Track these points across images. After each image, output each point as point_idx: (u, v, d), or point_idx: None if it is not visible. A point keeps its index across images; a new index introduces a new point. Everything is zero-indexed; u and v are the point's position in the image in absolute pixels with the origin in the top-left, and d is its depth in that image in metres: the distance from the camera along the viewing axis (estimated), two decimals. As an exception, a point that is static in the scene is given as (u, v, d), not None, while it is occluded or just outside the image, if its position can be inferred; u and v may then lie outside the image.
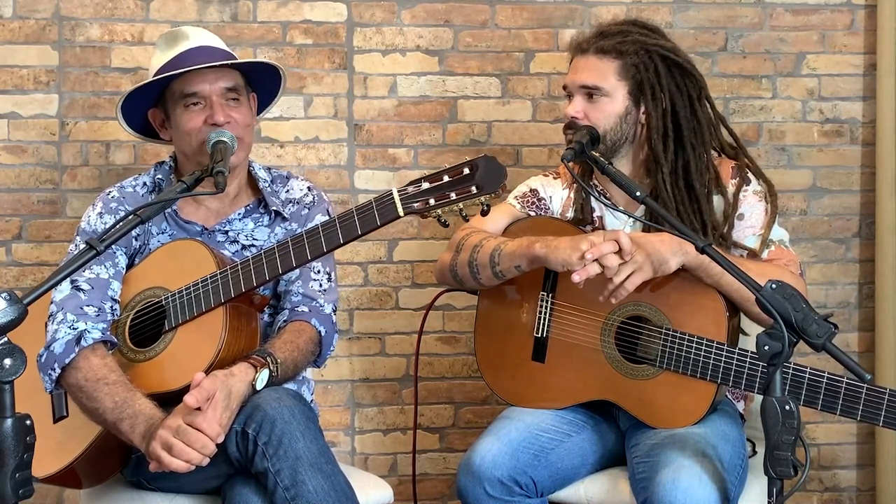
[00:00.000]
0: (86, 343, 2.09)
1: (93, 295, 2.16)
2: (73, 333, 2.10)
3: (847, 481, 3.21)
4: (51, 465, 2.13)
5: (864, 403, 2.03)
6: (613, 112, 2.30)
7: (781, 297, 1.73)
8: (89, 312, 2.14)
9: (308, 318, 2.23)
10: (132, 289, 2.22)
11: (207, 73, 2.21)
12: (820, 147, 3.15)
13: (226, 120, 2.19)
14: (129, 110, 2.32)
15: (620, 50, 2.28)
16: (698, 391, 2.16)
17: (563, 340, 2.29)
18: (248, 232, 2.31)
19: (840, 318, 3.13)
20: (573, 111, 2.31)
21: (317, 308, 2.26)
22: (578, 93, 2.32)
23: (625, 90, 2.30)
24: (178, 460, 1.92)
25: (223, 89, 2.23)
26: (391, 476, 3.05)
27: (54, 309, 2.15)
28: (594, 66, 2.30)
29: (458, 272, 2.35)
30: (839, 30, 3.13)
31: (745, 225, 2.28)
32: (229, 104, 2.23)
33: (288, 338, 2.18)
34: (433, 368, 3.08)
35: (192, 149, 2.22)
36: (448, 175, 1.93)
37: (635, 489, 2.12)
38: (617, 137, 2.31)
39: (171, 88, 2.24)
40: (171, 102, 2.24)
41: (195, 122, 2.21)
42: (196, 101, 2.21)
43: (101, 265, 2.19)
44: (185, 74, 2.20)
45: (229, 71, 2.25)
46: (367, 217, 1.97)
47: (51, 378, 2.10)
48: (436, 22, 3.03)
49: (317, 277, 2.29)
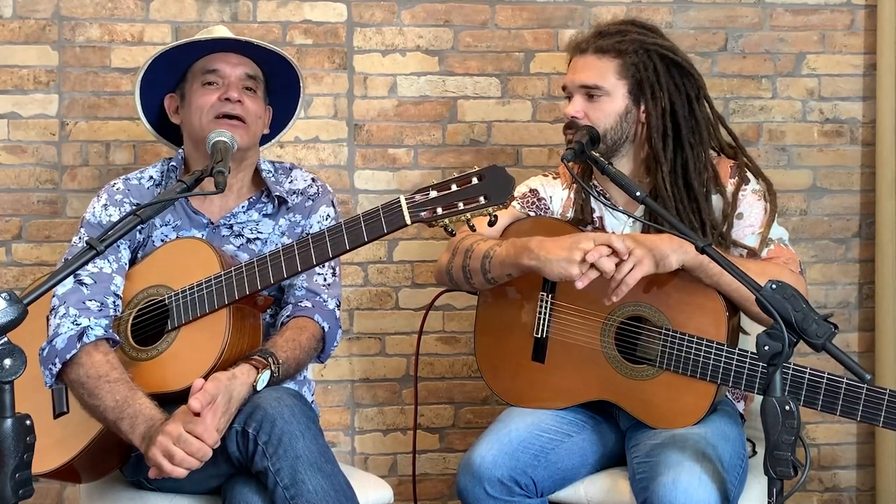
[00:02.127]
0: (88, 339, 2.10)
1: (95, 289, 2.16)
2: (76, 329, 2.10)
3: (847, 481, 3.21)
4: (51, 461, 2.13)
5: (864, 404, 2.03)
6: (613, 111, 2.30)
7: (781, 297, 1.73)
8: (91, 307, 2.14)
9: (311, 315, 2.23)
10: (135, 286, 2.22)
11: (231, 56, 2.29)
12: (820, 147, 3.15)
13: (238, 97, 2.25)
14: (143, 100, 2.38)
15: (619, 49, 2.28)
16: (698, 391, 2.16)
17: (562, 341, 2.29)
18: (253, 225, 2.31)
19: (840, 318, 3.13)
20: (573, 111, 2.31)
21: (320, 303, 2.26)
22: (578, 92, 2.32)
23: (624, 89, 2.30)
24: (179, 468, 1.92)
25: (243, 74, 2.29)
26: (391, 476, 3.05)
27: (56, 302, 2.15)
28: (593, 65, 2.30)
29: (454, 275, 2.36)
30: (839, 30, 3.13)
31: (745, 224, 2.28)
32: (246, 92, 2.28)
33: (290, 335, 2.18)
34: (433, 368, 3.08)
35: (200, 127, 2.25)
36: (456, 184, 1.92)
37: (635, 489, 2.12)
38: (617, 136, 2.31)
39: (194, 68, 2.30)
40: (190, 82, 2.30)
41: (209, 97, 2.26)
42: (215, 79, 2.27)
43: (104, 259, 2.20)
44: (210, 55, 2.27)
45: (251, 62, 2.32)
46: (373, 224, 1.98)
47: (51, 373, 2.10)
48: (436, 22, 3.03)
49: (321, 271, 2.29)
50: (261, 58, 2.34)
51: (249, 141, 2.28)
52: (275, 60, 2.35)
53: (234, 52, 2.30)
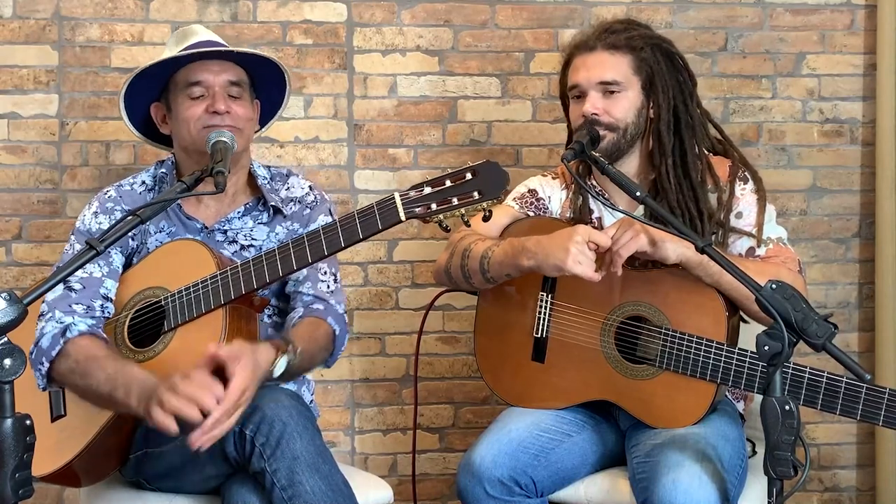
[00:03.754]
0: (71, 334, 2.09)
1: (83, 294, 2.16)
2: (59, 327, 2.11)
3: (847, 481, 3.21)
4: (49, 463, 2.13)
5: (863, 403, 2.03)
6: (633, 106, 2.29)
7: (781, 297, 1.73)
8: (77, 310, 2.14)
9: (324, 316, 2.23)
10: (131, 288, 2.22)
11: (212, 64, 2.23)
12: (820, 147, 3.15)
13: (226, 109, 2.21)
14: (130, 107, 2.33)
15: (631, 45, 2.28)
16: (698, 391, 2.16)
17: (562, 340, 2.29)
18: (248, 231, 2.30)
19: (840, 318, 3.13)
20: (592, 108, 2.27)
21: (330, 307, 2.27)
22: (595, 90, 2.28)
23: (639, 84, 2.29)
24: (188, 407, 1.85)
25: (226, 82, 2.24)
26: (391, 476, 3.05)
27: (45, 308, 2.15)
28: (608, 61, 2.28)
29: (453, 275, 2.36)
30: (839, 30, 3.13)
31: (744, 223, 2.28)
32: (231, 98, 2.24)
33: (306, 330, 2.17)
34: (433, 368, 3.08)
35: (191, 139, 2.23)
36: (450, 180, 1.92)
37: (635, 489, 2.12)
38: (636, 131, 2.30)
39: (176, 78, 2.25)
40: (174, 93, 2.25)
41: (196, 110, 2.22)
42: (199, 90, 2.22)
43: (95, 264, 2.18)
44: (189, 65, 2.22)
45: (233, 66, 2.27)
46: (368, 221, 1.97)
47: (41, 373, 2.10)
48: (436, 22, 3.03)
49: (324, 279, 2.29)
50: (242, 56, 2.30)
51: (243, 145, 2.27)
52: (257, 57, 2.33)
53: (214, 59, 2.25)
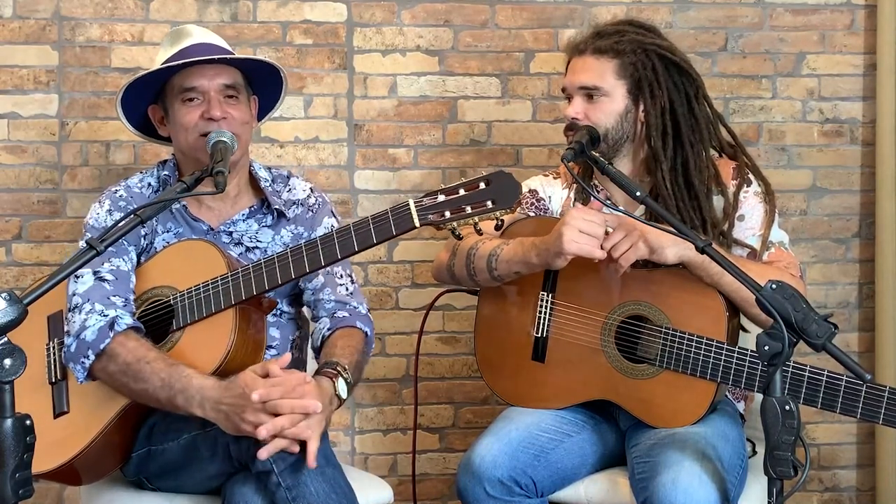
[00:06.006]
0: (119, 328, 2.08)
1: (117, 285, 2.15)
2: (106, 319, 2.09)
3: (847, 481, 3.21)
4: (51, 460, 2.12)
5: (863, 401, 2.03)
6: (614, 111, 2.30)
7: (781, 297, 1.73)
8: (117, 302, 2.13)
9: (352, 322, 2.26)
10: (140, 286, 2.22)
11: (207, 69, 2.22)
12: (820, 147, 3.15)
13: (222, 115, 2.20)
14: (129, 106, 2.32)
15: (617, 49, 2.29)
16: (698, 390, 2.16)
17: (562, 340, 2.29)
18: (252, 234, 2.31)
19: (840, 318, 3.13)
20: (573, 112, 2.32)
21: (354, 309, 2.29)
22: (578, 94, 2.32)
23: (624, 89, 2.30)
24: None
25: (221, 86, 2.23)
26: (391, 476, 3.05)
27: (79, 300, 2.13)
28: (592, 66, 2.31)
29: (456, 273, 2.36)
30: (839, 30, 3.13)
31: (746, 226, 2.28)
32: (227, 101, 2.23)
33: (344, 343, 2.21)
34: (433, 368, 3.08)
35: (189, 144, 2.23)
36: (464, 189, 1.94)
37: (635, 489, 2.12)
38: (618, 136, 2.31)
39: (171, 83, 2.24)
40: (170, 97, 2.25)
41: (192, 116, 2.21)
42: (194, 95, 2.22)
43: (120, 258, 2.18)
44: (184, 70, 2.21)
45: (229, 69, 2.26)
46: (382, 226, 1.98)
47: (84, 366, 2.08)
48: (436, 22, 3.03)
49: (342, 282, 2.32)
50: (235, 59, 2.29)
51: (242, 146, 2.27)
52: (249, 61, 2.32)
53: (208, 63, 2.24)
